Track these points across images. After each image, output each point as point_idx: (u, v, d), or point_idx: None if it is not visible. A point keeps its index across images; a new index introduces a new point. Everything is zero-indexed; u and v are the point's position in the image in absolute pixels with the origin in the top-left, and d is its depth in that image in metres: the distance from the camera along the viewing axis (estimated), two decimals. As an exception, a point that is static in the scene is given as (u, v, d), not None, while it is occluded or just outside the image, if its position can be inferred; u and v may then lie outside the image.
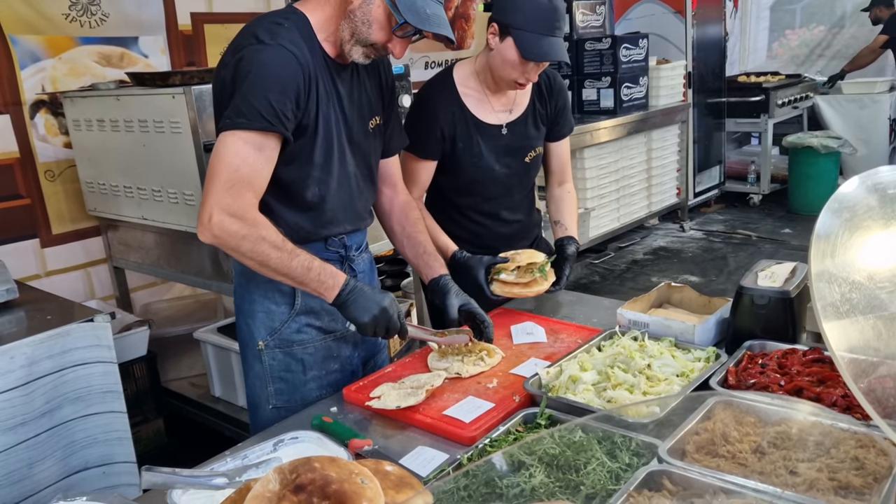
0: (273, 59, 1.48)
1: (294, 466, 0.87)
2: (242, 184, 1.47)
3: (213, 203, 1.46)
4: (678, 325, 1.67)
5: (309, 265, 1.53)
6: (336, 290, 1.54)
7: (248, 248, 1.48)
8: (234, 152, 1.46)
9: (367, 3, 1.51)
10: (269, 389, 1.73)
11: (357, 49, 1.56)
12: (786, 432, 1.16)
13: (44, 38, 3.12)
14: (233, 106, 1.48)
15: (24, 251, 3.12)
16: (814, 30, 7.14)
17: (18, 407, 1.99)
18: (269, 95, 1.46)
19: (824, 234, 0.98)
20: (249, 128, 1.46)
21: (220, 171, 1.46)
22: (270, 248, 1.49)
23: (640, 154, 5.54)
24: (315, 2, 1.60)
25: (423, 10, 1.49)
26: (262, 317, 1.70)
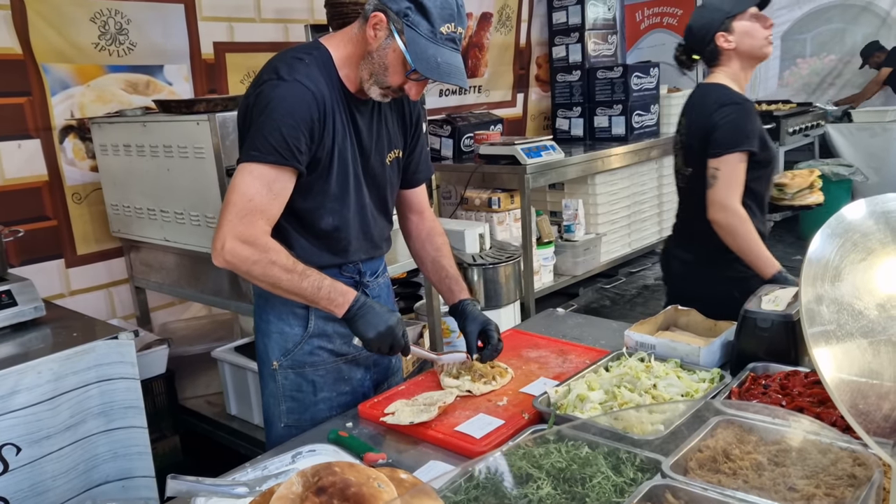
0: (289, 95, 1.54)
1: (316, 470, 0.93)
2: (255, 213, 1.55)
3: (226, 231, 1.54)
4: (684, 347, 1.72)
5: (319, 284, 1.59)
6: (345, 306, 1.61)
7: (260, 271, 1.56)
8: (248, 184, 1.54)
9: (384, 47, 1.56)
10: (281, 408, 1.79)
11: (375, 89, 1.62)
12: (785, 450, 1.20)
13: (74, 66, 3.25)
14: (249, 139, 1.56)
15: (49, 271, 3.22)
16: (825, 59, 7.20)
17: (44, 420, 2.05)
18: (283, 130, 1.53)
19: (816, 258, 1.04)
20: (263, 161, 1.54)
21: (234, 202, 1.55)
22: (281, 271, 1.56)
23: (651, 180, 5.59)
24: (340, 38, 1.66)
25: (434, 58, 1.52)
26: (276, 337, 1.77)
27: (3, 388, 1.97)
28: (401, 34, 1.53)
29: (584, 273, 4.95)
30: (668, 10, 6.17)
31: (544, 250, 4.64)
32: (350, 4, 3.40)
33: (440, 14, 1.51)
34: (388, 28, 1.54)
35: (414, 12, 1.51)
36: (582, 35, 5.69)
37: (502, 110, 5.60)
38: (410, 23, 1.51)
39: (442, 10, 1.51)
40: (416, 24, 1.51)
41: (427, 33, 1.51)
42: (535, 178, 4.37)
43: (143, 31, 3.45)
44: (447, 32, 1.53)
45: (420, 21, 1.51)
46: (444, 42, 1.53)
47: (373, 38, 1.57)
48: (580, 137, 5.74)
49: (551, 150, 4.50)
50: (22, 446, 2.01)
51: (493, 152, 4.50)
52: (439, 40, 1.52)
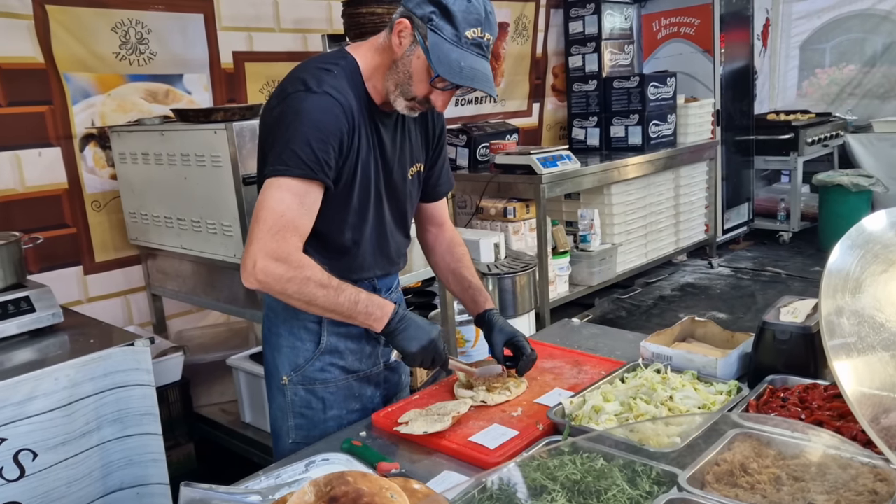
0: (318, 107, 1.50)
1: (329, 480, 0.93)
2: (287, 229, 1.49)
3: (257, 249, 1.48)
4: (701, 359, 1.70)
5: (356, 298, 1.54)
6: (384, 320, 1.56)
7: (295, 289, 1.50)
8: (278, 199, 1.49)
9: (408, 54, 1.53)
10: (289, 423, 1.75)
11: (401, 101, 1.58)
12: (804, 464, 1.19)
13: (95, 75, 3.29)
14: (276, 153, 1.51)
15: (67, 278, 3.24)
16: (844, 69, 7.14)
17: (60, 427, 2.06)
18: (312, 143, 1.48)
19: (836, 270, 1.02)
20: (292, 175, 1.49)
21: (264, 218, 1.49)
22: (317, 288, 1.51)
23: (667, 190, 5.56)
24: (367, 47, 1.62)
25: (458, 62, 1.48)
26: (287, 352, 1.73)
27: (21, 393, 1.98)
28: (424, 39, 1.49)
29: (599, 283, 4.92)
30: (685, 19, 6.14)
31: (560, 260, 4.62)
32: (367, 14, 3.42)
33: (465, 18, 1.48)
34: (412, 34, 1.52)
35: (438, 17, 1.48)
36: (598, 45, 5.68)
37: (518, 120, 5.60)
38: (434, 27, 1.48)
39: (467, 14, 1.48)
40: (440, 29, 1.48)
41: (451, 37, 1.48)
42: (550, 188, 4.36)
43: (164, 40, 3.49)
44: (473, 37, 1.49)
45: (444, 25, 1.48)
46: (468, 47, 1.49)
47: (398, 46, 1.54)
48: (596, 147, 5.73)
49: (567, 160, 4.50)
50: (38, 452, 2.02)
51: (508, 162, 4.50)
52: (464, 45, 1.48)
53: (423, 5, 1.49)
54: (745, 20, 6.41)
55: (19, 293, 2.30)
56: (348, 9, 3.53)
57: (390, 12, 3.44)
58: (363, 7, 3.45)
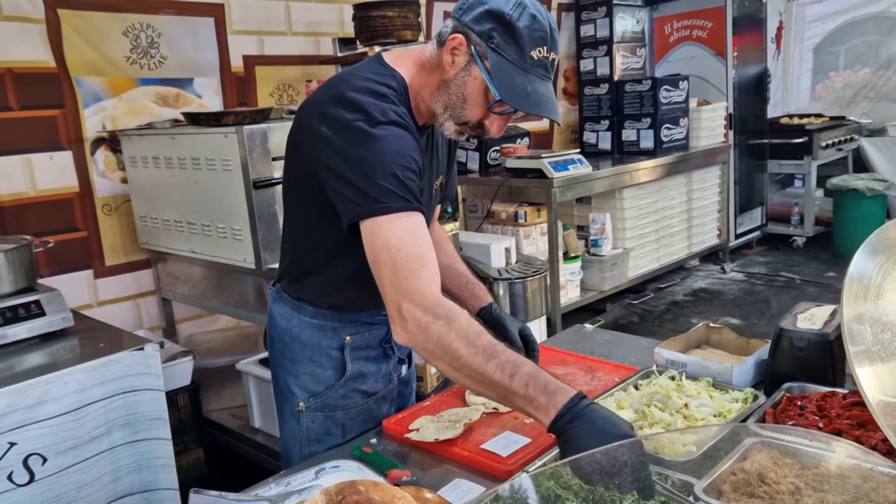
0: (392, 137, 1.33)
1: (340, 489, 0.91)
2: (412, 262, 1.29)
3: (392, 297, 1.29)
4: (716, 366, 1.67)
5: (512, 372, 1.21)
6: (553, 412, 1.18)
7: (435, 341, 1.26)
8: (386, 237, 1.30)
9: (463, 75, 1.37)
10: (303, 451, 1.65)
11: (450, 125, 1.44)
12: (824, 474, 1.16)
13: (106, 79, 3.30)
14: (360, 190, 1.31)
15: (78, 281, 3.25)
16: (859, 72, 7.09)
17: (70, 431, 2.06)
18: (398, 174, 1.31)
19: (858, 276, 1.00)
20: (390, 211, 1.30)
21: (383, 264, 1.30)
22: (462, 344, 1.23)
23: (680, 195, 5.53)
24: (412, 63, 1.45)
25: (523, 87, 1.33)
26: (305, 379, 1.62)
27: (31, 398, 1.98)
28: (483, 59, 1.34)
29: (611, 288, 4.89)
30: (697, 22, 6.11)
31: (571, 265, 4.59)
32: (378, 17, 3.42)
33: (531, 36, 1.31)
34: (468, 53, 1.35)
35: (500, 34, 1.31)
36: (610, 48, 5.66)
37: (529, 123, 5.58)
38: (496, 46, 1.32)
39: (532, 31, 1.32)
40: (503, 48, 1.32)
41: (515, 58, 1.32)
42: (562, 192, 4.33)
43: (174, 44, 3.50)
44: (538, 58, 1.33)
45: (508, 44, 1.31)
46: (534, 69, 1.34)
47: (450, 65, 1.38)
48: (608, 151, 5.70)
49: (579, 164, 4.47)
50: (48, 456, 2.02)
51: (519, 166, 4.47)
52: (529, 66, 1.33)
53: (482, 21, 1.33)
54: (758, 23, 6.37)
55: (30, 297, 2.30)
56: (359, 12, 3.53)
57: (401, 15, 3.43)
58: (374, 10, 3.45)
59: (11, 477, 1.96)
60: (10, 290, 2.31)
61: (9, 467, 1.95)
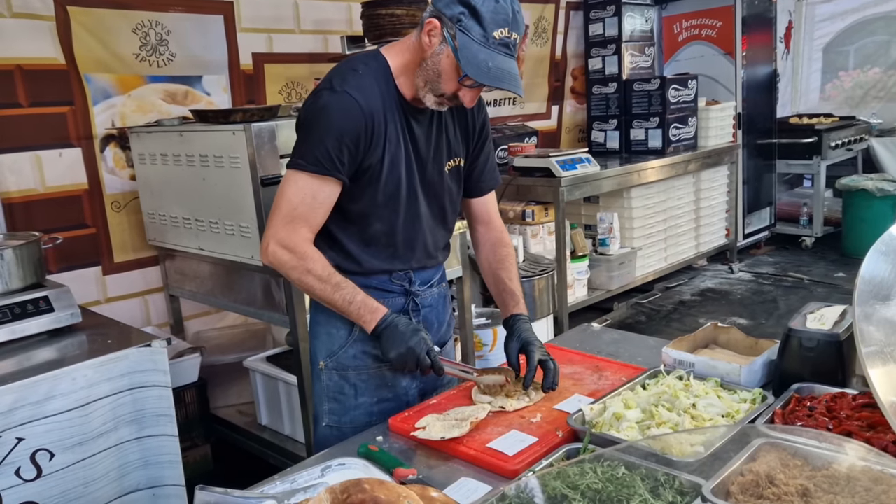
0: (336, 106, 1.58)
1: (345, 487, 0.91)
2: (299, 220, 1.62)
3: (270, 234, 1.64)
4: (724, 366, 1.67)
5: (350, 299, 1.65)
6: (373, 324, 1.65)
7: (296, 277, 1.66)
8: (293, 192, 1.62)
9: (438, 53, 1.57)
10: (324, 407, 1.82)
11: (430, 97, 1.63)
12: (833, 476, 1.15)
13: (115, 76, 3.31)
14: (297, 147, 1.64)
15: (86, 278, 3.26)
16: (868, 72, 7.04)
17: (77, 427, 2.07)
18: (326, 142, 1.58)
19: (870, 277, 0.99)
20: (308, 170, 1.60)
21: (280, 206, 1.63)
22: (314, 280, 1.64)
23: (688, 194, 5.51)
24: (398, 47, 1.69)
25: (486, 63, 1.52)
26: (324, 338, 1.81)
27: (39, 393, 1.99)
28: (454, 39, 1.54)
29: (618, 288, 4.88)
30: (706, 21, 6.08)
31: (578, 264, 4.58)
32: (387, 16, 3.42)
33: (493, 19, 1.51)
34: (441, 34, 1.56)
35: (467, 17, 1.52)
36: (619, 47, 5.64)
37: (537, 122, 5.57)
38: (463, 27, 1.52)
39: (495, 14, 1.51)
40: (469, 29, 1.52)
41: (479, 38, 1.52)
42: (569, 191, 4.32)
43: (183, 42, 3.50)
44: (500, 37, 1.52)
45: (473, 26, 1.51)
46: (496, 47, 1.53)
47: (427, 45, 1.59)
48: (616, 150, 5.69)
49: (586, 163, 4.46)
50: (55, 452, 2.02)
51: (527, 164, 4.47)
52: (491, 45, 1.52)
53: (452, 6, 1.53)
54: (767, 22, 6.34)
55: (38, 293, 2.31)
56: (368, 10, 3.53)
57: (409, 14, 3.43)
58: (382, 8, 3.45)
59: (19, 472, 1.97)
60: (18, 287, 2.32)
61: (16, 462, 1.96)
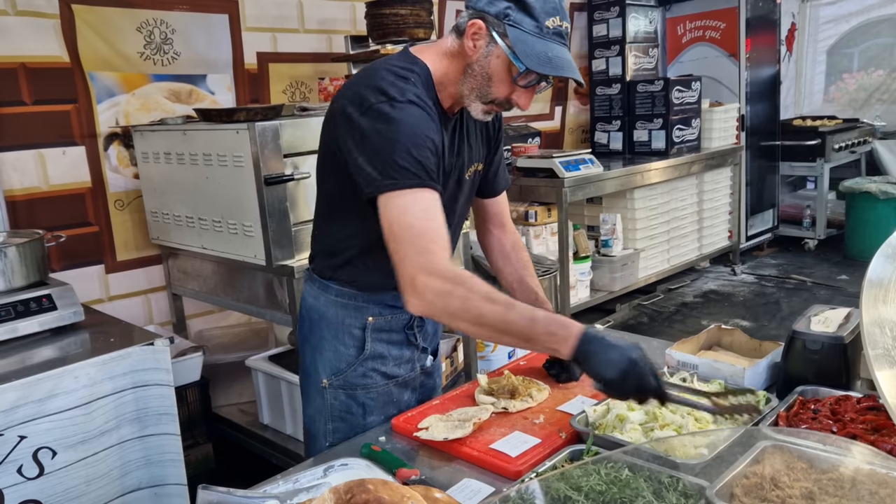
0: (408, 116, 1.42)
1: (349, 487, 0.91)
2: (426, 238, 1.38)
3: (408, 269, 1.37)
4: (728, 368, 1.66)
5: (531, 315, 1.36)
6: (572, 341, 1.34)
7: (457, 307, 1.36)
8: (400, 212, 1.39)
9: (486, 55, 1.47)
10: (327, 427, 1.71)
11: (477, 105, 1.53)
12: (838, 479, 1.15)
13: (119, 74, 3.31)
14: (376, 169, 1.40)
15: (89, 276, 3.26)
16: (872, 74, 7.03)
17: (80, 425, 2.07)
18: (412, 152, 1.40)
19: (877, 280, 0.99)
20: (403, 187, 1.39)
21: (399, 236, 1.39)
22: (482, 302, 1.35)
23: (691, 196, 5.50)
24: (435, 53, 1.55)
25: (545, 53, 1.43)
26: (329, 355, 1.69)
27: (41, 391, 1.99)
28: (503, 37, 1.44)
29: (621, 289, 4.88)
30: (710, 23, 6.08)
31: (581, 265, 4.58)
32: (391, 15, 3.42)
33: (543, 8, 1.43)
34: (488, 34, 1.46)
35: (515, 10, 1.43)
36: (622, 48, 5.64)
37: (540, 123, 5.57)
38: (513, 22, 1.43)
39: (545, 3, 1.43)
40: (520, 22, 1.43)
41: (533, 29, 1.43)
42: (572, 192, 4.32)
43: (188, 40, 3.50)
44: (553, 26, 1.44)
45: (523, 18, 1.43)
46: (551, 37, 1.44)
47: (472, 49, 1.48)
48: (619, 151, 5.68)
49: (590, 164, 4.46)
50: (57, 450, 2.03)
51: (530, 165, 4.47)
52: (546, 35, 1.44)
53: (496, 2, 1.44)
54: (771, 24, 6.33)
55: (41, 291, 2.31)
56: (372, 10, 3.53)
57: (413, 13, 3.43)
58: (387, 8, 3.45)
59: (21, 470, 1.97)
60: (22, 284, 2.32)
61: (18, 460, 1.96)
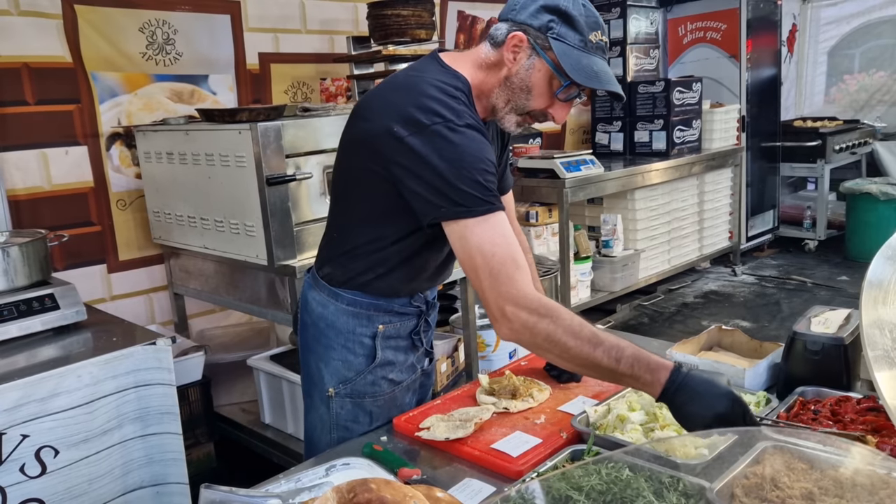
0: (470, 141, 1.39)
1: (352, 486, 0.91)
2: (507, 265, 1.36)
3: (497, 299, 1.36)
4: (728, 369, 1.67)
5: (618, 356, 1.32)
6: (662, 382, 1.31)
7: (543, 339, 1.35)
8: (479, 240, 1.37)
9: (527, 68, 1.46)
10: (332, 436, 1.68)
11: (511, 117, 1.53)
12: (838, 480, 1.15)
13: (122, 74, 3.32)
14: (444, 195, 1.38)
15: (91, 276, 3.27)
16: (874, 75, 7.03)
17: (82, 424, 2.07)
18: (478, 178, 1.38)
19: (877, 281, 0.99)
20: (476, 214, 1.37)
21: (481, 267, 1.37)
22: (569, 337, 1.33)
23: (691, 196, 5.51)
24: (470, 63, 1.52)
25: (590, 67, 1.43)
26: (336, 365, 1.66)
27: (44, 390, 2.00)
28: (546, 51, 1.43)
29: (621, 289, 4.88)
30: (711, 24, 6.08)
31: (582, 265, 4.59)
32: (393, 16, 3.42)
33: (587, 22, 1.43)
34: (529, 47, 1.44)
35: (559, 24, 1.42)
36: (624, 49, 5.64)
37: (541, 124, 5.57)
38: (557, 35, 1.42)
39: (588, 17, 1.43)
40: (564, 36, 1.42)
41: (577, 43, 1.42)
42: (573, 193, 4.32)
43: (190, 41, 3.51)
44: (596, 40, 1.44)
45: (568, 32, 1.42)
46: (594, 51, 1.44)
47: (511, 62, 1.46)
48: (620, 152, 5.69)
49: (591, 165, 4.46)
50: (60, 449, 2.03)
51: (531, 165, 4.47)
52: (591, 49, 1.44)
53: (538, 15, 1.43)
54: (772, 25, 6.34)
55: (44, 290, 2.32)
56: (374, 11, 3.53)
57: (415, 14, 3.43)
58: (389, 9, 3.45)
59: (23, 469, 1.97)
60: (24, 284, 2.33)
61: (21, 459, 1.97)
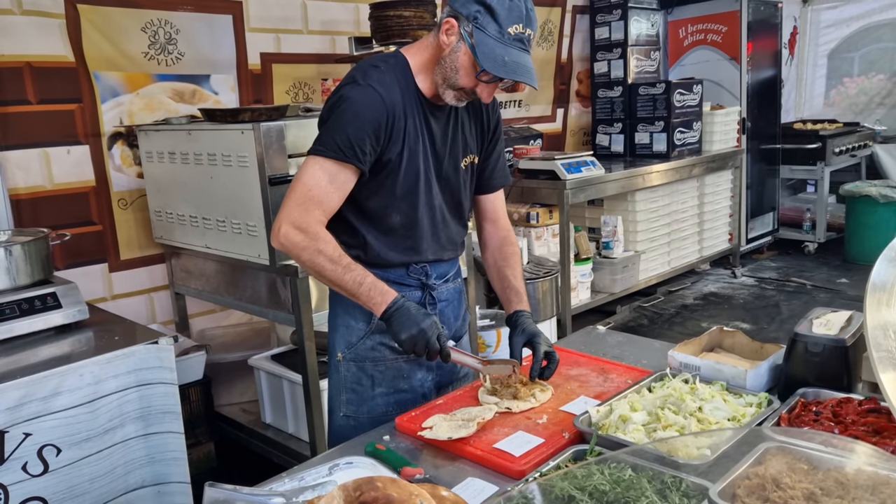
0: (360, 98, 1.65)
1: (358, 485, 0.92)
2: (312, 202, 1.65)
3: (283, 216, 1.66)
4: (730, 370, 1.67)
5: (361, 280, 1.66)
6: (383, 306, 1.66)
7: (306, 258, 1.66)
8: (310, 175, 1.66)
9: (455, 50, 1.65)
10: (341, 398, 1.87)
11: (449, 92, 1.71)
12: (840, 480, 1.16)
13: (124, 74, 3.32)
14: (319, 135, 1.69)
15: (93, 275, 3.27)
16: (873, 78, 7.05)
17: (84, 423, 2.08)
18: (348, 130, 1.63)
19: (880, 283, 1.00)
20: (327, 156, 1.64)
21: (295, 189, 1.66)
22: (325, 261, 1.65)
23: (691, 198, 5.52)
24: (417, 47, 1.77)
25: (502, 57, 1.59)
26: (342, 330, 1.86)
27: (46, 389, 2.00)
28: (471, 36, 1.61)
29: (621, 291, 4.89)
30: (712, 26, 6.09)
31: (582, 267, 4.59)
32: (394, 17, 3.43)
33: (508, 16, 1.59)
34: (458, 32, 1.64)
35: (483, 14, 1.59)
36: (624, 51, 5.65)
37: (542, 125, 5.58)
38: (479, 25, 1.59)
39: (510, 12, 1.59)
40: (485, 26, 1.59)
41: (495, 34, 1.59)
42: (574, 194, 4.33)
43: (192, 41, 3.51)
44: (515, 33, 1.60)
45: (489, 23, 1.59)
46: (511, 42, 1.60)
47: (445, 44, 1.66)
48: (620, 154, 5.70)
49: (591, 166, 4.47)
50: (62, 448, 2.03)
51: (532, 167, 4.48)
52: (507, 40, 1.59)
53: (468, 5, 1.61)
54: (773, 28, 6.35)
55: (46, 289, 2.32)
56: (375, 11, 3.54)
57: (417, 15, 3.44)
58: (390, 10, 3.46)
59: (26, 467, 1.98)
60: (26, 283, 2.33)
61: (23, 458, 1.97)
